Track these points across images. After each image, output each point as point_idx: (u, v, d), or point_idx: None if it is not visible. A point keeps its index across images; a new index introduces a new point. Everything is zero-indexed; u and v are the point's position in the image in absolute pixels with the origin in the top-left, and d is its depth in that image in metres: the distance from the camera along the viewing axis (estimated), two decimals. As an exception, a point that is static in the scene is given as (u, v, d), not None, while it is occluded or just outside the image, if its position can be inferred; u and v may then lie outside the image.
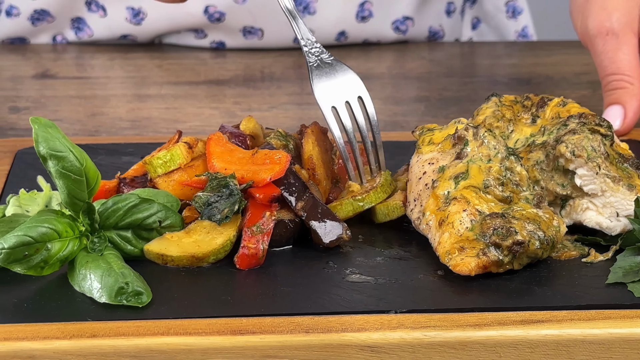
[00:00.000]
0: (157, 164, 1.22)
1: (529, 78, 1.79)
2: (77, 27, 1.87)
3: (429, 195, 1.20)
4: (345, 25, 1.86)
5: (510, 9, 1.99)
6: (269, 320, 1.06)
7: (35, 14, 1.86)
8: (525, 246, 1.13)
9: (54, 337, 1.03)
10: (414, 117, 1.63)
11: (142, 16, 1.83)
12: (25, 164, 1.37)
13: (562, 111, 1.28)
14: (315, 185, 1.24)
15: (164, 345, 1.03)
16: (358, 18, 1.85)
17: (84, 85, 1.73)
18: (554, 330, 1.05)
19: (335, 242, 1.18)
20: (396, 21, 1.88)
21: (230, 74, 1.78)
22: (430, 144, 1.25)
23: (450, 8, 1.93)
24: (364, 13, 1.85)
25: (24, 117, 1.61)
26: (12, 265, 1.09)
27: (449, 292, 1.11)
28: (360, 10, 1.85)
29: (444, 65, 1.86)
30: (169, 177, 1.22)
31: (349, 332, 1.04)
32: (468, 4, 1.98)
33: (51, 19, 1.86)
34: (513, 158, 1.20)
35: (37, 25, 1.87)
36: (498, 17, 1.99)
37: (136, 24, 1.84)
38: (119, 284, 1.08)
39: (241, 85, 1.74)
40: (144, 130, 1.57)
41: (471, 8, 1.99)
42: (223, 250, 1.15)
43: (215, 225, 1.16)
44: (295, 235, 1.19)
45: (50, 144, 1.11)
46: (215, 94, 1.70)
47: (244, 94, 1.71)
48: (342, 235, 1.18)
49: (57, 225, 1.11)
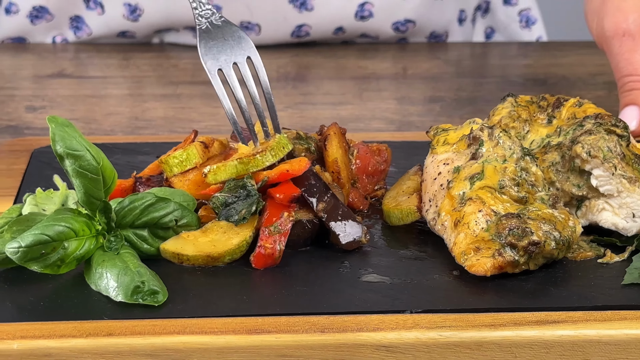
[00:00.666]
0: (173, 163, 1.23)
1: (545, 79, 1.78)
2: (75, 27, 1.88)
3: (444, 196, 1.20)
4: (343, 23, 1.86)
5: (524, 18, 1.98)
6: (285, 320, 1.06)
7: (34, 11, 1.86)
8: (541, 247, 1.13)
9: (70, 336, 1.03)
10: (428, 117, 1.63)
11: (139, 12, 1.84)
12: (42, 163, 1.37)
13: (578, 112, 1.28)
14: (339, 188, 1.23)
15: (180, 344, 1.03)
16: (357, 17, 1.85)
17: (100, 84, 1.74)
18: (570, 331, 1.05)
19: (353, 244, 1.18)
20: (397, 22, 1.88)
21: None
22: (445, 144, 1.25)
23: (462, 16, 1.93)
24: (363, 13, 1.85)
25: (40, 116, 1.61)
26: (29, 263, 1.09)
27: (464, 293, 1.11)
28: (359, 10, 1.85)
29: (460, 66, 1.86)
30: (184, 176, 1.22)
31: (365, 331, 1.05)
32: (479, 13, 1.98)
33: (50, 17, 1.86)
34: (528, 158, 1.20)
35: (36, 24, 1.87)
36: (511, 27, 1.99)
37: (133, 20, 1.84)
38: (135, 283, 1.08)
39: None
40: (159, 130, 1.57)
41: (483, 17, 1.99)
42: (239, 251, 1.15)
43: (232, 225, 1.17)
44: (313, 236, 1.19)
45: (67, 142, 1.12)
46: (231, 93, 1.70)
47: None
48: (361, 238, 1.18)
49: (73, 224, 1.11)
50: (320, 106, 1.67)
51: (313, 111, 1.65)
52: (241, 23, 1.84)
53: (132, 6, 1.83)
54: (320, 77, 1.79)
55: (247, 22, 1.84)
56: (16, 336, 1.03)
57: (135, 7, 1.83)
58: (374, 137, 1.45)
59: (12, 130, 1.57)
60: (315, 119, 1.62)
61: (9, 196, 1.29)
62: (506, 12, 1.99)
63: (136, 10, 1.83)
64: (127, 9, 1.83)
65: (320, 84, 1.76)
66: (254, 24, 1.84)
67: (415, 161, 1.33)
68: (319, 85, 1.75)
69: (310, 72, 1.81)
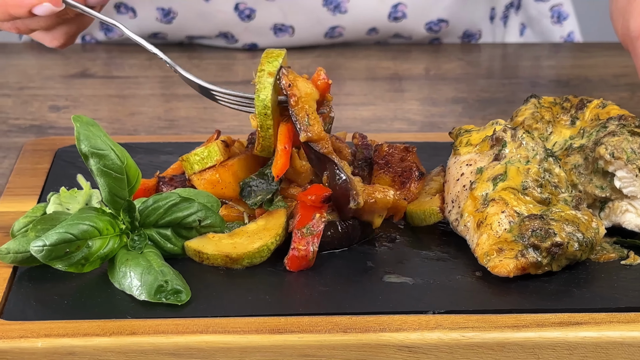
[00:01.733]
0: (194, 161, 1.23)
1: (568, 80, 1.78)
2: (106, 28, 1.88)
3: (467, 197, 1.20)
4: (377, 24, 1.86)
5: (555, 14, 1.98)
6: (307, 320, 1.06)
7: None
8: (564, 248, 1.12)
9: (94, 334, 1.04)
10: (451, 118, 1.63)
11: (173, 15, 1.84)
12: (65, 162, 1.38)
13: (601, 113, 1.27)
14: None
15: (203, 343, 1.04)
16: (390, 18, 1.86)
17: (123, 84, 1.74)
18: (593, 333, 1.05)
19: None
20: (430, 22, 1.88)
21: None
22: (467, 145, 1.25)
23: (492, 14, 1.93)
24: (397, 14, 1.85)
25: (63, 116, 1.62)
26: (54, 262, 1.10)
27: (487, 293, 1.11)
28: (393, 11, 1.85)
29: (482, 67, 1.86)
30: (201, 175, 1.22)
31: (387, 332, 1.05)
32: (513, 10, 1.98)
33: None
34: (552, 159, 1.20)
35: None
36: (543, 23, 1.99)
37: (167, 22, 1.85)
38: (158, 282, 1.09)
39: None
40: (182, 130, 1.58)
41: (517, 14, 1.99)
42: (259, 255, 1.15)
43: (258, 230, 1.17)
44: (349, 237, 1.19)
45: (92, 142, 1.12)
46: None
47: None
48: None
49: (98, 222, 1.12)
50: (343, 107, 1.67)
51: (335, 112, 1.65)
52: (275, 26, 1.85)
53: (165, 10, 1.84)
54: (343, 77, 1.79)
55: (280, 24, 1.84)
56: (40, 334, 1.03)
57: (169, 10, 1.84)
58: (396, 137, 1.45)
59: (35, 129, 1.57)
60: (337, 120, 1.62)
61: (33, 195, 1.30)
62: (537, 8, 1.98)
63: (170, 13, 1.84)
64: (160, 13, 1.84)
65: (343, 84, 1.76)
66: (288, 26, 1.84)
67: (438, 162, 1.33)
68: (341, 86, 1.76)
69: (334, 72, 1.81)
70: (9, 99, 1.68)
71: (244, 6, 1.83)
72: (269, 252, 1.16)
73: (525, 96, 1.35)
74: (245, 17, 1.84)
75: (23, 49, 1.89)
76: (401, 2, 1.85)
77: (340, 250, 1.19)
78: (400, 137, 1.46)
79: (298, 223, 1.16)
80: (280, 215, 1.18)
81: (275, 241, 1.16)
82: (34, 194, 1.30)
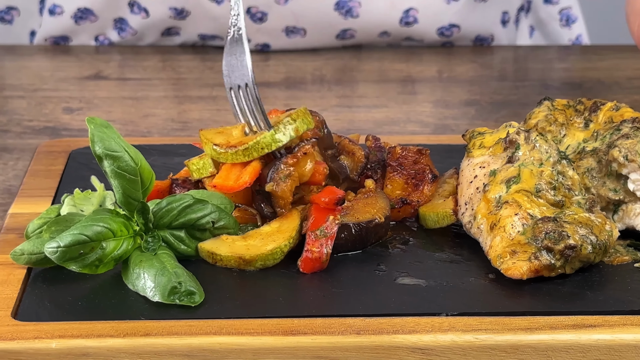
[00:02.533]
0: (192, 169, 1.25)
1: (581, 82, 1.78)
2: (119, 27, 1.89)
3: (480, 199, 1.20)
4: (388, 28, 1.86)
5: (564, 17, 1.98)
6: (321, 321, 1.06)
7: (78, 12, 1.88)
8: (578, 250, 1.12)
9: (107, 335, 1.04)
10: (464, 120, 1.63)
11: (185, 14, 1.85)
12: (79, 164, 1.38)
13: (615, 115, 1.27)
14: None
15: (216, 344, 1.04)
16: (402, 23, 1.86)
17: (136, 86, 1.75)
18: (606, 335, 1.05)
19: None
20: (442, 27, 1.88)
21: (280, 76, 1.79)
22: (481, 147, 1.25)
23: (505, 18, 1.93)
24: (408, 19, 1.85)
25: (77, 117, 1.62)
26: (68, 263, 1.10)
27: (500, 296, 1.11)
28: (404, 16, 1.85)
29: (495, 69, 1.86)
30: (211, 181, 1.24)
31: (400, 334, 1.05)
32: (523, 13, 1.98)
33: (94, 17, 1.88)
34: (565, 162, 1.20)
35: (80, 24, 1.89)
36: (552, 25, 1.99)
37: (180, 19, 1.86)
38: (172, 284, 1.09)
39: (291, 88, 1.75)
40: (195, 132, 1.58)
41: (526, 17, 1.99)
42: (272, 257, 1.15)
43: (272, 233, 1.17)
44: (362, 239, 1.19)
45: (105, 143, 1.13)
46: (265, 95, 1.71)
47: (294, 96, 1.72)
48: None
49: (112, 224, 1.12)
50: (356, 109, 1.67)
51: (348, 114, 1.65)
52: (287, 28, 1.85)
53: (178, 9, 1.84)
54: (356, 79, 1.79)
55: (292, 26, 1.85)
56: (54, 335, 1.04)
57: (182, 9, 1.84)
58: (410, 140, 1.45)
59: (49, 131, 1.58)
60: (350, 122, 1.63)
61: (47, 197, 1.30)
62: (547, 11, 1.98)
63: (182, 12, 1.85)
64: (173, 12, 1.85)
65: (356, 86, 1.76)
66: (300, 29, 1.85)
67: (451, 164, 1.33)
68: (354, 88, 1.76)
69: (347, 74, 1.81)
70: (23, 100, 1.69)
71: (255, 10, 1.83)
72: (282, 255, 1.16)
73: (539, 98, 1.35)
74: (257, 19, 1.84)
75: (37, 51, 1.90)
76: (413, 7, 1.85)
77: (353, 252, 1.19)
78: (413, 140, 1.46)
79: (312, 225, 1.16)
80: (294, 218, 1.19)
81: (288, 243, 1.16)
82: (48, 195, 1.31)
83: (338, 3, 1.82)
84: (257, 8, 1.83)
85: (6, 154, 1.50)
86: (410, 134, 1.57)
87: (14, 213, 1.26)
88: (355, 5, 1.83)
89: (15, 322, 1.06)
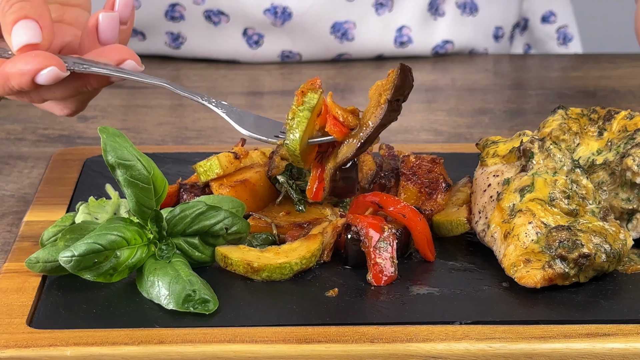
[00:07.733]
0: (200, 172, 1.26)
1: (594, 91, 1.78)
2: None
3: (494, 208, 1.20)
4: (384, 51, 1.87)
5: (561, 35, 1.98)
6: (335, 330, 1.06)
7: None
8: (592, 259, 1.12)
9: (122, 343, 1.04)
10: (477, 129, 1.63)
11: (182, 40, 1.85)
12: (94, 172, 1.39)
13: (629, 124, 1.27)
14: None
15: (231, 352, 1.04)
16: (396, 43, 1.86)
17: (150, 95, 1.75)
18: (621, 344, 1.05)
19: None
20: (436, 46, 1.88)
21: (295, 84, 1.79)
22: (494, 156, 1.25)
23: (498, 33, 1.93)
24: (402, 38, 1.86)
25: (92, 126, 1.63)
26: (82, 272, 1.10)
27: (514, 304, 1.11)
28: (398, 35, 1.85)
29: (508, 78, 1.86)
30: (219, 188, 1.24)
31: (414, 342, 1.05)
32: (518, 30, 1.98)
33: None
34: (579, 171, 1.20)
35: None
36: (548, 44, 1.99)
37: (175, 47, 1.86)
38: (186, 291, 1.09)
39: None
40: (209, 140, 1.58)
41: (522, 35, 1.99)
42: (279, 272, 1.15)
43: (289, 250, 1.17)
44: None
45: (118, 153, 1.13)
46: (279, 104, 1.71)
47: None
48: None
49: (125, 232, 1.12)
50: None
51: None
52: (282, 52, 1.85)
53: (174, 34, 1.85)
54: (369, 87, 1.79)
55: (288, 51, 1.85)
56: (69, 343, 1.04)
57: (178, 35, 1.85)
58: (423, 148, 1.45)
59: (64, 139, 1.58)
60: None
61: (62, 204, 1.31)
62: (544, 30, 1.98)
63: (179, 38, 1.85)
64: (169, 37, 1.85)
65: (369, 95, 1.76)
66: (295, 53, 1.85)
67: (465, 173, 1.33)
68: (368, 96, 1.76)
69: (359, 83, 1.81)
70: (38, 109, 1.69)
71: (252, 31, 1.83)
72: (291, 271, 1.15)
73: (552, 107, 1.35)
74: (254, 42, 1.84)
75: (52, 60, 1.91)
76: (405, 25, 1.85)
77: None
78: (427, 148, 1.46)
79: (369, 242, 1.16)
80: (316, 241, 1.18)
81: (299, 262, 1.16)
82: (62, 203, 1.31)
83: (334, 26, 1.83)
84: (253, 30, 1.83)
85: (21, 162, 1.51)
86: (424, 143, 1.57)
87: (29, 221, 1.27)
88: (351, 26, 1.83)
89: (31, 329, 1.06)
